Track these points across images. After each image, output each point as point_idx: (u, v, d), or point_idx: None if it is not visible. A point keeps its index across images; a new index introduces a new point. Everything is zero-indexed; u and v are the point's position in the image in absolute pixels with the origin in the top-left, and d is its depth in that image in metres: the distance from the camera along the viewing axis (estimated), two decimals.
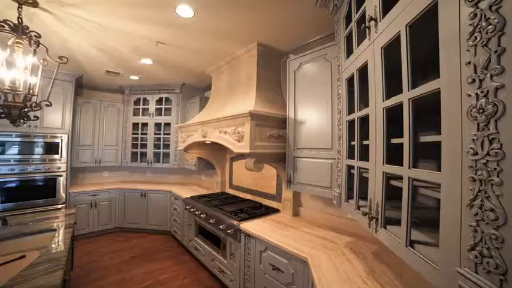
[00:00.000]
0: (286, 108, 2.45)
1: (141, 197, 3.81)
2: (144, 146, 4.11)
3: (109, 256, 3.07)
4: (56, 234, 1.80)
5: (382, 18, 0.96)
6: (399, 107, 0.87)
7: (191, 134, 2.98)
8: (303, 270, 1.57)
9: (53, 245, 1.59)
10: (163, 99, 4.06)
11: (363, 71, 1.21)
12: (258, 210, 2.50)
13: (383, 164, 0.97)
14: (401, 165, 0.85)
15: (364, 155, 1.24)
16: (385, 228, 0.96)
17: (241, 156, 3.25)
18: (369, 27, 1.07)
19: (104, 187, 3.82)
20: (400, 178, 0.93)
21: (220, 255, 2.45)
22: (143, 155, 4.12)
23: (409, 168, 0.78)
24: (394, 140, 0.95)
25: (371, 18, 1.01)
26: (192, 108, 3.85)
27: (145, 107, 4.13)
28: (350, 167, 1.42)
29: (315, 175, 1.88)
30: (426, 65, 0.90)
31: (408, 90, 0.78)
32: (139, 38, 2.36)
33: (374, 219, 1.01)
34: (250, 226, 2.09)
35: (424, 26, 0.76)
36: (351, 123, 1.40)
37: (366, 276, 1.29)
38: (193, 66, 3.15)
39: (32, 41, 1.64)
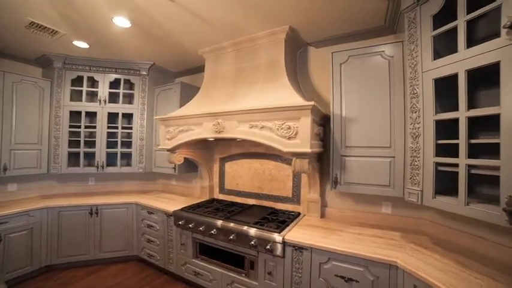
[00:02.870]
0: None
1: (90, 215, 2.69)
2: (90, 144, 2.94)
3: None
4: None
5: None
6: None
7: (189, 129, 2.34)
8: (388, 275, 1.48)
9: None
10: (122, 81, 3.02)
11: (477, 71, 1.25)
12: (286, 217, 2.24)
13: None
14: None
15: (471, 152, 1.29)
16: None
17: (237, 155, 2.85)
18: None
19: (20, 207, 2.46)
20: None
21: (245, 276, 2.03)
22: (89, 156, 2.95)
23: None
24: None
25: None
26: (166, 96, 3.06)
27: (92, 89, 2.95)
28: (438, 165, 1.45)
29: (370, 174, 1.83)
30: None
31: None
32: None
33: None
34: (295, 236, 1.82)
35: None
36: (443, 123, 1.42)
37: (466, 270, 1.33)
38: (184, 41, 2.47)
39: None
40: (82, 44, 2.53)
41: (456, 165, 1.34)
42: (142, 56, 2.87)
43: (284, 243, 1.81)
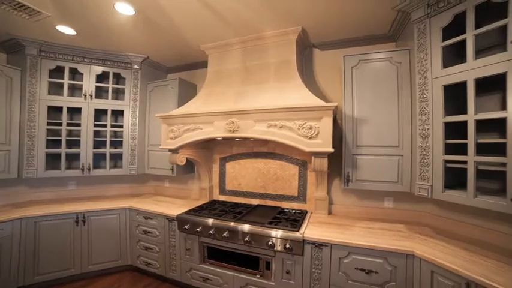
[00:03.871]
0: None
1: (75, 224, 2.38)
2: (72, 144, 2.59)
3: None
4: None
5: None
6: None
7: (196, 127, 2.23)
8: (405, 264, 1.60)
9: None
10: (111, 74, 2.73)
11: (483, 80, 1.43)
12: (295, 215, 2.28)
13: None
14: None
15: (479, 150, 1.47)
16: None
17: (239, 155, 2.81)
18: None
19: None
20: None
21: (260, 277, 2.01)
22: (72, 157, 2.60)
23: None
24: None
25: None
26: (161, 93, 2.86)
27: (76, 82, 2.61)
28: (446, 162, 1.62)
29: (380, 171, 1.96)
30: None
31: None
32: None
33: None
34: (313, 233, 1.86)
35: None
36: (451, 125, 1.59)
37: (473, 255, 1.50)
38: (187, 34, 2.32)
39: None
40: (68, 30, 2.22)
41: (464, 162, 1.51)
42: (136, 48, 2.64)
43: (303, 241, 1.84)
